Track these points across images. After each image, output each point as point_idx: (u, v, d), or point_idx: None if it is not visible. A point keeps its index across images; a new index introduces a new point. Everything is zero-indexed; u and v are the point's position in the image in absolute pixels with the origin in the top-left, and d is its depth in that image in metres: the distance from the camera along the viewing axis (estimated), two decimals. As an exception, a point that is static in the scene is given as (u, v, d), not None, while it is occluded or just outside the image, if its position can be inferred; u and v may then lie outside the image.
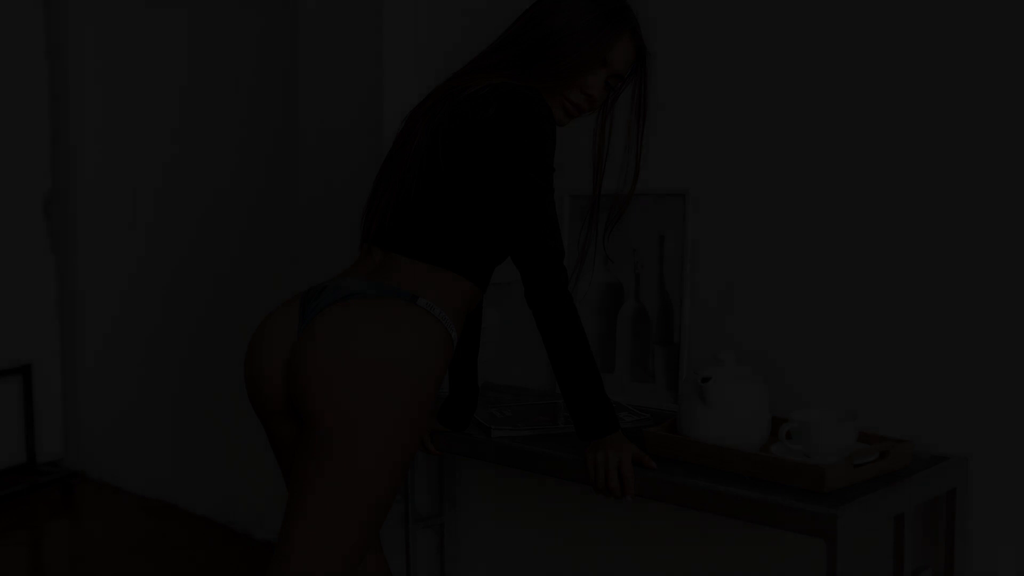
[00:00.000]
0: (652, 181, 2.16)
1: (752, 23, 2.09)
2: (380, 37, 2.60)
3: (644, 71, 1.86)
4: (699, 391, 1.80)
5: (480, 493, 2.61)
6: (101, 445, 4.14)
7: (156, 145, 3.80)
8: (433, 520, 2.54)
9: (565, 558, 2.46)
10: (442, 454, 2.10)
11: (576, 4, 1.78)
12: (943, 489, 1.78)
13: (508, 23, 1.86)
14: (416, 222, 1.76)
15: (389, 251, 1.78)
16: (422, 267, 1.74)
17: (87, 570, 3.27)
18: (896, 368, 1.93)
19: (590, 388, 1.72)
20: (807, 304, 2.04)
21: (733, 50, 2.12)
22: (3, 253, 4.01)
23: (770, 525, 1.61)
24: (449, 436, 2.07)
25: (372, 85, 2.63)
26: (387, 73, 2.61)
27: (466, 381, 2.04)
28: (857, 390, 1.97)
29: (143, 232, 3.88)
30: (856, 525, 1.56)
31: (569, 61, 1.77)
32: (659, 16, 2.14)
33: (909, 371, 1.91)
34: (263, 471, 3.27)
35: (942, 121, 1.86)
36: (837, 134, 1.98)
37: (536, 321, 1.72)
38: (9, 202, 4.02)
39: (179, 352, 3.77)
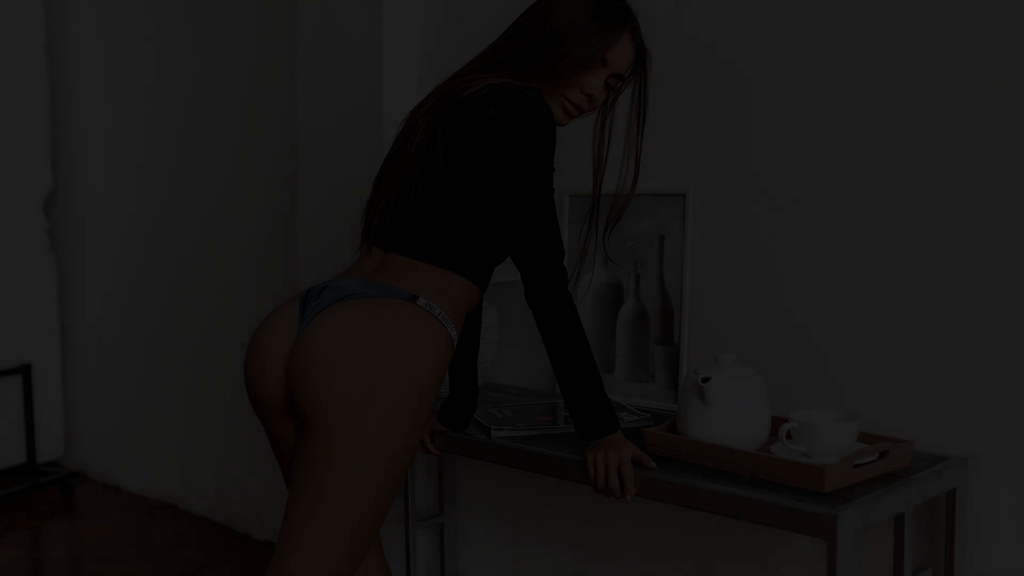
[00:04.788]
0: (652, 181, 2.16)
1: (752, 23, 2.09)
2: (380, 37, 2.60)
3: (644, 71, 1.86)
4: (699, 391, 1.80)
5: (480, 493, 2.60)
6: (101, 445, 4.14)
7: (156, 144, 3.80)
8: (433, 520, 2.54)
9: (565, 558, 2.46)
10: (442, 454, 2.10)
11: (576, 4, 1.78)
12: (943, 489, 1.78)
13: (508, 23, 1.86)
14: (416, 222, 1.76)
15: (389, 251, 1.78)
16: (422, 267, 1.74)
17: (87, 570, 3.27)
18: (897, 368, 1.93)
19: (590, 388, 1.72)
20: (807, 304, 2.04)
21: (733, 50, 2.12)
22: (3, 253, 4.02)
23: (770, 525, 1.61)
24: (449, 436, 2.07)
25: (372, 85, 2.63)
26: (387, 73, 2.61)
27: (466, 381, 2.04)
28: (857, 390, 1.97)
29: (143, 232, 3.88)
30: (856, 525, 1.56)
31: (569, 61, 1.77)
32: (659, 16, 2.14)
33: (910, 371, 1.91)
34: (263, 471, 3.27)
35: (942, 122, 1.86)
36: (837, 134, 1.98)
37: (536, 321, 1.72)
38: (9, 202, 4.03)
39: (179, 352, 3.77)
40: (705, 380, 1.79)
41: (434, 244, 1.75)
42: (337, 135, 2.73)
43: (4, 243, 4.02)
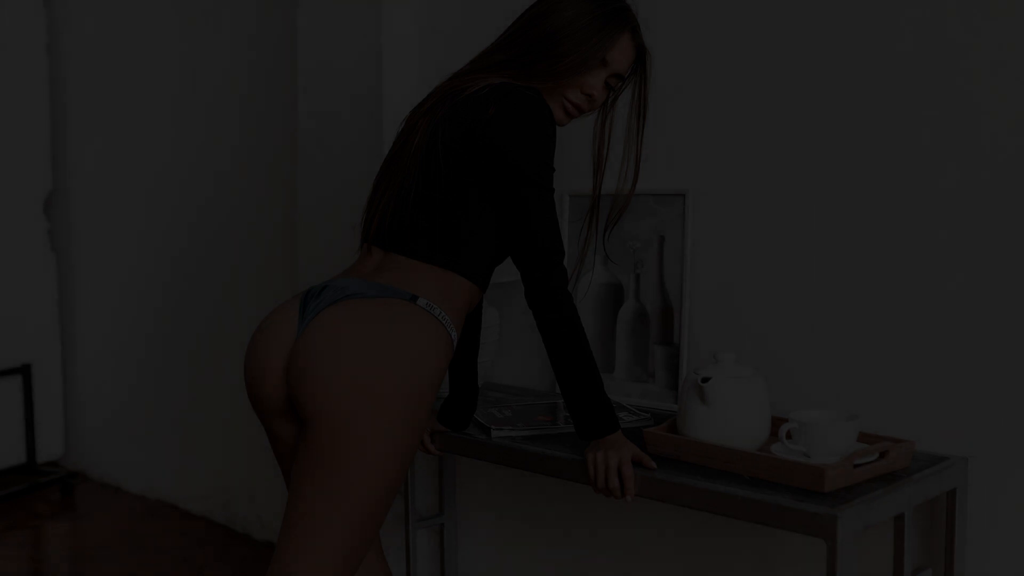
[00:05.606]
0: (652, 181, 2.16)
1: (752, 23, 2.09)
2: (380, 37, 2.60)
3: (644, 71, 1.86)
4: (699, 391, 1.80)
5: (480, 493, 2.61)
6: (101, 445, 4.14)
7: (156, 144, 3.80)
8: (433, 520, 2.54)
9: (565, 558, 2.46)
10: (442, 454, 2.10)
11: (576, 4, 1.78)
12: (943, 489, 1.78)
13: (508, 23, 1.86)
14: (416, 222, 1.76)
15: (389, 251, 1.78)
16: (422, 267, 1.74)
17: (87, 570, 3.27)
18: (896, 368, 1.93)
19: (590, 388, 1.72)
20: (807, 304, 2.04)
21: (733, 50, 2.12)
22: (3, 253, 4.02)
23: (770, 525, 1.61)
24: (449, 436, 2.07)
25: (372, 85, 2.63)
26: (387, 73, 2.61)
27: (466, 381, 2.04)
28: (857, 390, 1.97)
29: (143, 232, 3.88)
30: (856, 525, 1.56)
31: (569, 61, 1.77)
32: (658, 16, 2.14)
33: (909, 371, 1.91)
34: (263, 471, 3.27)
35: (942, 121, 1.86)
36: (837, 133, 1.98)
37: (536, 321, 1.72)
38: (9, 202, 4.03)
39: (179, 352, 3.77)
40: (705, 380, 1.79)
41: (434, 244, 1.75)
42: (337, 135, 2.73)
43: (4, 243, 4.01)
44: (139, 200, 3.90)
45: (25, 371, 3.99)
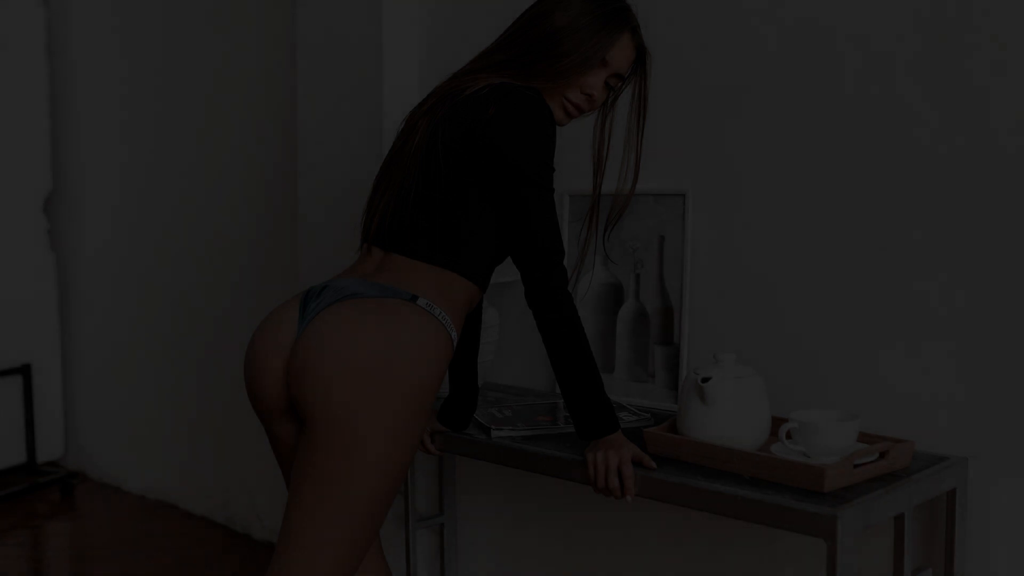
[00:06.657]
0: (652, 181, 2.16)
1: (751, 23, 2.09)
2: (380, 37, 2.60)
3: (644, 71, 1.87)
4: (699, 391, 1.80)
5: (480, 493, 2.61)
6: (101, 445, 4.14)
7: (155, 144, 3.80)
8: (433, 520, 2.54)
9: (565, 558, 2.46)
10: (442, 454, 2.10)
11: (576, 4, 1.78)
12: (943, 489, 1.78)
13: (509, 23, 1.86)
14: (416, 222, 1.76)
15: (389, 251, 1.78)
16: (422, 267, 1.74)
17: (87, 570, 3.27)
18: (896, 368, 1.93)
19: (590, 388, 1.72)
20: (807, 304, 2.04)
21: (732, 50, 2.12)
22: (3, 253, 4.01)
23: (770, 525, 1.61)
24: (449, 436, 2.07)
25: (372, 85, 2.63)
26: (387, 73, 2.61)
27: (466, 381, 2.04)
28: (857, 390, 1.97)
29: (143, 232, 3.88)
30: (856, 525, 1.56)
31: (569, 61, 1.77)
32: (658, 16, 2.14)
33: (909, 371, 1.91)
34: (263, 471, 3.27)
35: (942, 121, 1.86)
36: (837, 133, 1.98)
37: (536, 321, 1.72)
38: (9, 202, 4.03)
39: (179, 352, 3.77)
40: (705, 380, 1.79)
41: (434, 244, 1.75)
42: (337, 135, 2.73)
43: (4, 243, 4.02)
44: (139, 200, 3.90)
45: (25, 371, 3.99)
